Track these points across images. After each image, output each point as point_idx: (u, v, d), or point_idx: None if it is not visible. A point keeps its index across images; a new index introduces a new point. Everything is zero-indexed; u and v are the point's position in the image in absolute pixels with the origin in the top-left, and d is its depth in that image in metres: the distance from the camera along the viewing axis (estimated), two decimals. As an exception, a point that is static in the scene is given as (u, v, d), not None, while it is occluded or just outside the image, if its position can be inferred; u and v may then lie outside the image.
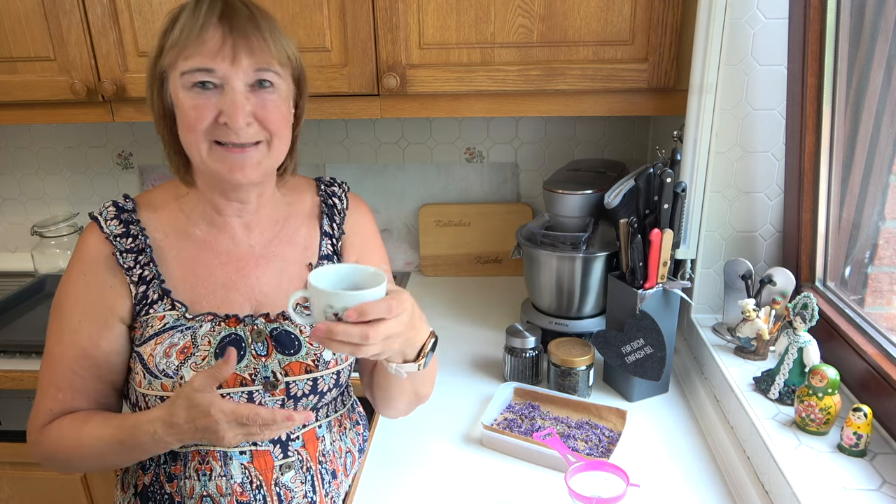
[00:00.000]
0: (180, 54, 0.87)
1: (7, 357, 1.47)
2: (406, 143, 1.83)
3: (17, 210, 1.99)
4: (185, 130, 0.90)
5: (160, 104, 0.93)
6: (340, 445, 1.04)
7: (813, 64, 1.13)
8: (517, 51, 1.34)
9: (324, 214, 1.08)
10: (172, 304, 0.94)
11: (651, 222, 1.19)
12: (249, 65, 0.88)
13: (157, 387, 0.92)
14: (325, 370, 0.97)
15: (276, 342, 0.95)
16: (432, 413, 1.24)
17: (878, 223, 1.09)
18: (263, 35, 0.89)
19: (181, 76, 0.88)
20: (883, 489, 0.87)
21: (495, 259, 1.86)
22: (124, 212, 0.97)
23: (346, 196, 1.11)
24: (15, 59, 1.42)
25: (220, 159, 0.90)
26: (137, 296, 0.94)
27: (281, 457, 0.96)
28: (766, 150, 1.23)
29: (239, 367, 0.92)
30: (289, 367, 0.94)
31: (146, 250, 0.95)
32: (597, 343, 1.27)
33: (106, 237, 0.95)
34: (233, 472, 0.94)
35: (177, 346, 0.92)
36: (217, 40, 0.87)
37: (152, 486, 0.96)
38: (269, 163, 0.94)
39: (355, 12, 1.33)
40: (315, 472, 0.99)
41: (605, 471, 0.97)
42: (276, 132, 0.92)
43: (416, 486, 1.06)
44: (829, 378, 0.96)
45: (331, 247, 1.06)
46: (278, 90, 0.92)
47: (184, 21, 0.88)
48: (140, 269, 0.95)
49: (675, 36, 1.30)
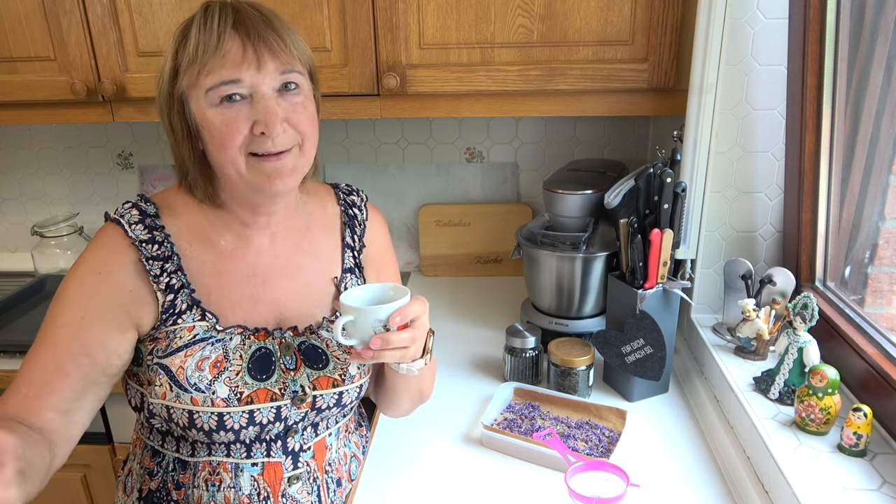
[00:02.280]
0: (201, 71, 0.84)
1: (7, 357, 1.47)
2: (406, 143, 1.83)
3: (17, 210, 1.99)
4: (219, 149, 0.86)
5: (183, 127, 0.89)
6: (345, 451, 1.04)
7: (813, 64, 1.13)
8: (517, 51, 1.34)
9: (345, 225, 1.05)
10: (203, 315, 0.91)
11: (651, 222, 1.19)
12: (275, 68, 0.86)
13: (185, 400, 0.88)
14: (350, 384, 0.97)
15: (304, 356, 0.94)
16: (432, 413, 1.24)
17: (878, 223, 1.09)
18: (281, 37, 0.87)
19: (206, 93, 0.85)
20: (883, 489, 0.87)
21: (495, 259, 1.86)
22: (147, 216, 0.92)
23: (366, 207, 1.09)
24: (15, 59, 1.42)
25: (258, 171, 0.87)
26: (164, 304, 0.90)
27: (291, 468, 0.95)
28: (766, 150, 1.23)
29: (269, 382, 0.91)
30: (317, 381, 0.94)
31: (173, 258, 0.91)
32: (597, 343, 1.27)
33: (132, 242, 0.89)
34: (242, 483, 0.93)
35: (209, 360, 0.89)
36: (237, 50, 0.84)
37: (158, 491, 0.95)
38: (303, 166, 0.92)
39: (355, 12, 1.33)
40: (322, 482, 0.99)
41: (605, 471, 0.97)
42: (307, 134, 0.90)
43: (416, 486, 1.06)
44: (829, 378, 0.96)
45: (352, 259, 1.04)
46: (303, 91, 0.90)
47: (196, 37, 0.84)
48: (167, 278, 0.90)
49: (675, 36, 1.30)
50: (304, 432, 0.96)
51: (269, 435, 0.93)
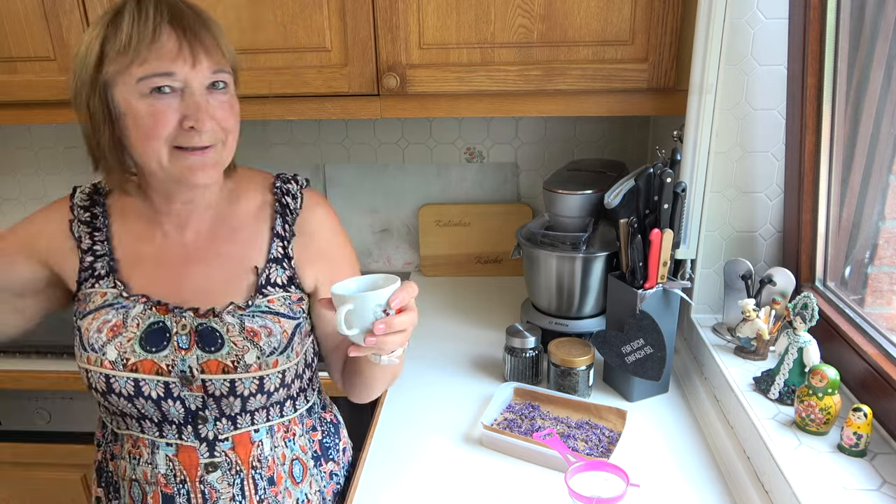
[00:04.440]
0: (134, 60, 0.85)
1: (7, 357, 1.47)
2: (406, 143, 1.83)
3: (17, 210, 1.99)
4: (143, 139, 0.88)
5: (104, 112, 0.89)
6: (284, 452, 1.01)
7: (813, 64, 1.13)
8: (517, 51, 1.34)
9: (276, 214, 1.03)
10: (115, 283, 0.96)
11: (651, 222, 1.19)
12: (208, 67, 0.88)
13: (83, 360, 0.94)
14: (244, 373, 0.94)
15: (199, 337, 0.94)
16: (432, 413, 1.24)
17: (878, 223, 1.09)
18: (215, 35, 0.89)
19: (137, 83, 0.85)
20: (883, 489, 0.87)
21: (495, 259, 1.86)
22: (98, 193, 1.01)
23: (300, 193, 1.04)
24: (15, 59, 1.42)
25: (181, 163, 0.89)
26: (84, 263, 0.97)
27: (207, 455, 0.96)
28: (766, 150, 1.23)
29: (158, 356, 0.93)
30: (206, 364, 0.93)
31: (103, 229, 0.99)
32: (597, 343, 1.27)
33: (71, 206, 1.00)
34: (158, 461, 0.96)
35: (109, 323, 0.94)
36: (173, 45, 0.85)
37: (103, 462, 1.03)
38: (225, 159, 0.94)
39: (355, 12, 1.33)
40: (246, 477, 0.98)
41: (605, 471, 0.97)
42: (231, 130, 0.93)
43: (416, 486, 1.06)
44: (829, 378, 0.96)
45: (281, 249, 1.01)
46: (230, 89, 0.93)
47: (130, 26, 0.85)
48: (92, 242, 0.98)
49: (675, 36, 1.30)
50: (218, 423, 0.96)
51: (176, 418, 0.95)
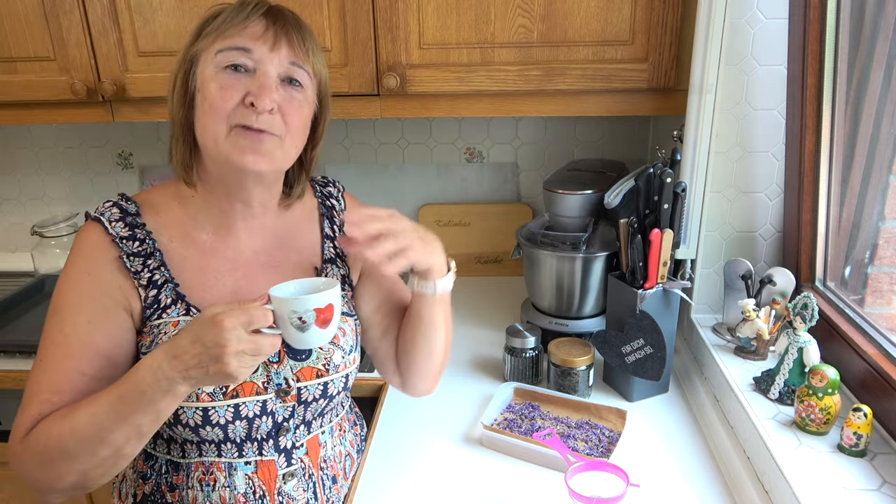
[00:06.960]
0: (219, 36, 0.87)
1: (7, 357, 1.47)
2: (406, 143, 1.83)
3: (17, 210, 1.99)
4: (207, 111, 0.87)
5: (182, 88, 0.91)
6: (340, 450, 1.04)
7: (813, 64, 1.13)
8: (517, 51, 1.34)
9: (323, 217, 1.07)
10: (187, 310, 0.91)
11: (651, 222, 1.19)
12: (287, 55, 0.89)
13: None
14: (335, 373, 0.97)
15: (287, 348, 0.94)
16: (432, 413, 1.24)
17: (878, 223, 1.09)
18: (304, 37, 0.91)
19: (216, 55, 0.87)
20: (883, 489, 0.87)
21: (495, 259, 1.86)
22: (128, 214, 0.92)
23: (342, 197, 1.12)
24: (15, 59, 1.42)
25: (234, 141, 0.87)
26: (148, 299, 0.90)
27: (285, 465, 0.95)
28: (766, 150, 1.23)
29: (254, 375, 0.91)
30: (300, 372, 0.94)
31: (155, 254, 0.92)
32: (597, 343, 1.27)
33: (112, 239, 0.90)
34: (237, 482, 0.93)
35: None
36: (260, 28, 0.88)
37: (153, 495, 0.94)
38: (279, 157, 0.91)
39: (355, 12, 1.33)
40: (317, 479, 0.99)
41: (605, 471, 0.97)
42: (293, 131, 0.91)
43: (416, 486, 1.06)
44: (829, 378, 0.96)
45: (333, 249, 1.06)
46: (305, 92, 0.92)
47: (227, 14, 0.89)
48: (149, 273, 0.90)
49: (675, 36, 1.30)
50: (297, 430, 0.96)
51: (260, 434, 0.93)
